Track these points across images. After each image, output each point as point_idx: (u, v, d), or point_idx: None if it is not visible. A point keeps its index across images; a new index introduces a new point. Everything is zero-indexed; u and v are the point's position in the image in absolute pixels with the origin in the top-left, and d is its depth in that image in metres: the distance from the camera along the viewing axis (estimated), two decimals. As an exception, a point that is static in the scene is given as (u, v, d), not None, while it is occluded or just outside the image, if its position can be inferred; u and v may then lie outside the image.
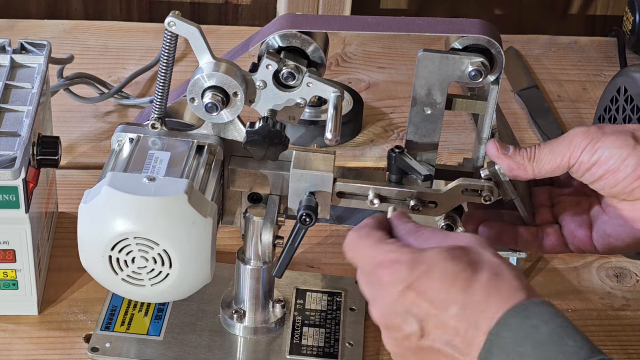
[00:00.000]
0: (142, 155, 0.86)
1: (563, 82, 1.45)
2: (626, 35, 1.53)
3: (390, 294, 0.72)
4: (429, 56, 0.85)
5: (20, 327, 0.96)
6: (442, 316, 0.70)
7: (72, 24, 1.50)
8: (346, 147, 1.27)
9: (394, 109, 1.36)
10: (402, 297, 0.71)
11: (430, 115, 0.88)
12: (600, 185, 0.84)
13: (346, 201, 0.89)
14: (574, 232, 0.88)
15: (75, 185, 1.15)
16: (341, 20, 0.90)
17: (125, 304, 0.98)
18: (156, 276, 0.83)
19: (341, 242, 1.09)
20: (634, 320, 1.03)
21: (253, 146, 0.85)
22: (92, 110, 1.30)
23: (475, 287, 0.69)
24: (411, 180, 0.89)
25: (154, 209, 0.80)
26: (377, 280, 0.73)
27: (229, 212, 0.93)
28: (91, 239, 0.82)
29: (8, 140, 0.90)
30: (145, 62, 1.40)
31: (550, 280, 1.07)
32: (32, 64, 1.01)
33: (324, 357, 0.94)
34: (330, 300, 1.00)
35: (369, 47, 1.50)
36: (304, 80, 0.86)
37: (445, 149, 1.28)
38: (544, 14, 1.71)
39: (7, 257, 0.93)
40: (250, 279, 0.93)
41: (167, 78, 0.86)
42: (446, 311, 0.69)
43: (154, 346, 0.94)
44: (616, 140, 0.82)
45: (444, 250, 0.71)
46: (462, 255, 0.71)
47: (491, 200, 0.87)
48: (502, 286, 0.69)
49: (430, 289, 0.70)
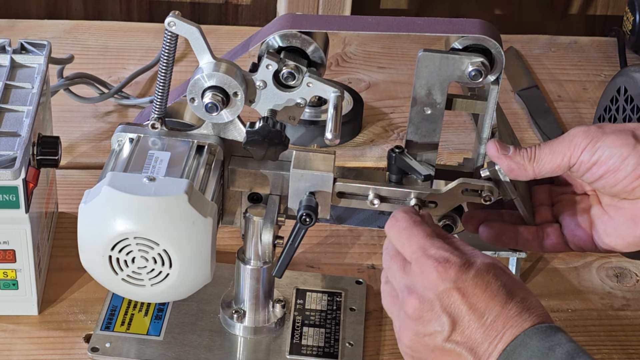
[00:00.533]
0: (142, 155, 0.86)
1: (563, 82, 1.45)
2: (626, 35, 1.53)
3: (434, 288, 0.75)
4: (429, 56, 0.85)
5: (20, 327, 0.96)
6: (476, 323, 0.74)
7: (72, 24, 1.50)
8: (346, 147, 1.27)
9: (394, 109, 1.36)
10: (445, 295, 0.75)
11: (430, 115, 0.88)
12: (601, 185, 0.84)
13: (346, 201, 0.89)
14: (574, 231, 0.88)
15: (75, 185, 1.15)
16: (341, 20, 0.90)
17: (125, 304, 0.98)
18: (156, 276, 0.83)
19: (341, 242, 1.10)
20: (634, 320, 1.03)
21: (253, 146, 0.85)
22: (92, 110, 1.30)
23: (512, 304, 0.74)
24: (411, 180, 0.89)
25: (154, 209, 0.80)
26: (423, 270, 0.76)
27: (229, 212, 0.93)
28: (91, 239, 0.82)
29: (8, 140, 0.90)
30: (145, 62, 1.40)
31: (550, 280, 1.07)
32: (32, 64, 1.01)
33: (324, 357, 0.94)
34: (330, 300, 1.00)
35: (369, 47, 1.50)
36: (304, 80, 0.86)
37: (445, 149, 1.28)
38: (544, 14, 1.71)
39: (7, 257, 0.93)
40: (250, 279, 0.93)
41: (167, 78, 0.86)
42: (481, 318, 0.74)
43: (154, 346, 0.94)
44: (616, 139, 0.82)
45: (491, 265, 0.76)
46: (502, 274, 0.76)
47: (491, 200, 0.87)
48: (533, 307, 0.75)
49: (474, 296, 0.74)
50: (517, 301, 0.75)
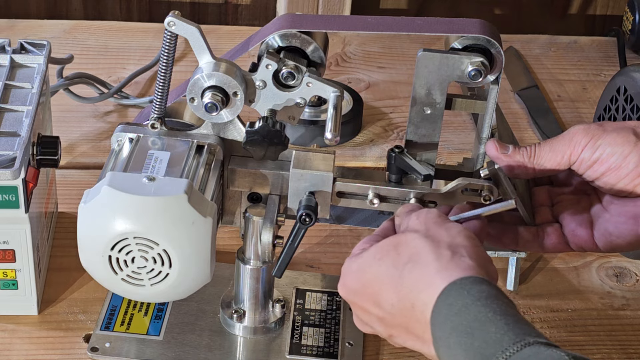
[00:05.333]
0: (142, 155, 0.86)
1: (563, 82, 1.45)
2: (626, 35, 1.53)
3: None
4: (429, 56, 0.85)
5: (20, 327, 0.96)
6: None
7: (72, 24, 1.50)
8: (346, 147, 1.27)
9: (394, 109, 1.36)
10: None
11: (430, 115, 0.88)
12: (602, 183, 0.84)
13: (346, 201, 0.89)
14: (574, 231, 0.88)
15: (75, 185, 1.15)
16: (341, 20, 0.90)
17: (125, 304, 0.98)
18: (156, 276, 0.83)
19: (341, 242, 1.10)
20: (634, 320, 1.03)
21: (253, 146, 0.85)
22: (92, 110, 1.30)
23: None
24: (411, 180, 0.89)
25: (154, 208, 0.80)
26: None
27: (229, 212, 0.93)
28: (91, 238, 0.82)
29: (8, 140, 0.90)
30: (145, 62, 1.40)
31: (550, 280, 1.07)
32: (32, 64, 1.01)
33: (324, 357, 0.94)
34: (330, 300, 1.00)
35: (369, 47, 1.50)
36: (303, 80, 0.86)
37: (445, 149, 1.28)
38: (544, 14, 1.71)
39: (7, 257, 0.93)
40: (250, 279, 0.93)
41: (167, 78, 0.86)
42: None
43: (153, 346, 0.94)
44: (617, 137, 0.82)
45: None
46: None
47: (491, 199, 0.87)
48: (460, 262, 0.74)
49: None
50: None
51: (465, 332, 0.69)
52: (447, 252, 0.74)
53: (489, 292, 0.70)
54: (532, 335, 0.67)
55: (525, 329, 0.68)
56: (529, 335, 0.67)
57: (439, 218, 0.79)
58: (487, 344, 0.67)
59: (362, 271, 0.78)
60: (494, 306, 0.69)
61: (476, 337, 0.68)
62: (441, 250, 0.75)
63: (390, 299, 0.76)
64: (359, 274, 0.78)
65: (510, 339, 0.67)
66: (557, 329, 1.01)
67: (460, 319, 0.69)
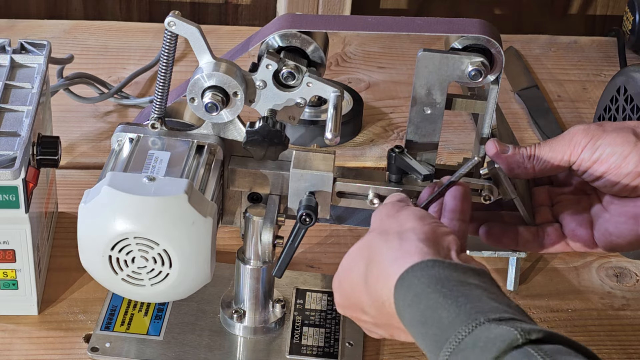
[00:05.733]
0: (142, 155, 0.86)
1: (563, 82, 1.45)
2: (626, 35, 1.53)
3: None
4: (429, 56, 0.85)
5: (20, 327, 0.96)
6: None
7: (72, 24, 1.50)
8: (346, 147, 1.27)
9: (394, 109, 1.36)
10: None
11: (430, 115, 0.88)
12: (602, 183, 0.84)
13: (346, 201, 0.89)
14: (574, 231, 0.88)
15: (75, 185, 1.15)
16: (341, 20, 0.90)
17: (125, 304, 0.98)
18: (156, 276, 0.83)
19: (341, 242, 1.10)
20: (634, 320, 1.03)
21: (253, 146, 0.85)
22: (92, 110, 1.30)
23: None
24: (411, 180, 0.89)
25: (154, 208, 0.80)
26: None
27: (229, 212, 0.93)
28: (91, 239, 0.82)
29: (8, 140, 0.90)
30: (145, 62, 1.40)
31: (550, 280, 1.07)
32: (32, 64, 1.01)
33: (324, 357, 0.94)
34: (330, 300, 1.00)
35: (369, 47, 1.50)
36: (303, 80, 0.86)
37: (445, 149, 1.28)
38: (544, 14, 1.71)
39: (7, 257, 0.93)
40: (250, 279, 0.93)
41: (167, 78, 0.86)
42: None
43: (154, 346, 0.94)
44: (617, 137, 0.82)
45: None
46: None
47: (491, 199, 0.87)
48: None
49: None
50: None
51: (420, 321, 0.69)
52: (396, 241, 0.75)
53: (439, 275, 0.70)
54: (485, 312, 0.66)
55: (479, 307, 0.67)
56: (481, 314, 0.66)
57: (392, 209, 0.80)
58: (441, 330, 0.67)
59: (341, 286, 0.80)
60: (445, 290, 0.69)
61: (430, 325, 0.68)
62: (390, 241, 0.75)
63: (367, 303, 0.77)
64: (340, 289, 0.80)
65: (461, 321, 0.66)
66: (557, 329, 1.00)
67: (414, 309, 0.70)
